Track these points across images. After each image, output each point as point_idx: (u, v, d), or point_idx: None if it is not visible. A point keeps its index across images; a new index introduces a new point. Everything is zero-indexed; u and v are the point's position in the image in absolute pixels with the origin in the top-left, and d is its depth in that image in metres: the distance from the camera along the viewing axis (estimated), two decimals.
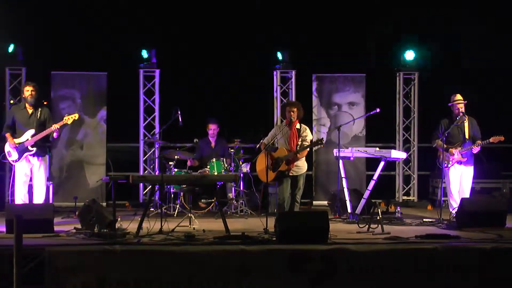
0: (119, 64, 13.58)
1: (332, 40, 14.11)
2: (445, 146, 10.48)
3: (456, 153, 10.51)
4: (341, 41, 14.15)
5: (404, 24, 14.13)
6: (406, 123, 14.23)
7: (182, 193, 11.38)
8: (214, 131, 12.28)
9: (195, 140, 11.76)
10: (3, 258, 7.35)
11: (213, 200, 11.36)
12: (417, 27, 14.14)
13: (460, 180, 10.60)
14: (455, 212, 9.89)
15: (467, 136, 10.56)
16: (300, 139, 9.73)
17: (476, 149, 10.44)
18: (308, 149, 9.75)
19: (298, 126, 9.83)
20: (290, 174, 9.71)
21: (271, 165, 9.66)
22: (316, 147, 10.15)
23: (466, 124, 10.59)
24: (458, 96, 10.63)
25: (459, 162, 10.54)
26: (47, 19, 13.62)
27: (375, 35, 14.09)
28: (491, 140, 10.34)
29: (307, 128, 9.94)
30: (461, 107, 10.56)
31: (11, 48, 13.14)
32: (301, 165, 9.78)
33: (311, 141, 9.76)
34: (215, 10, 14.09)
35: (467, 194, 10.51)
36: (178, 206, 11.42)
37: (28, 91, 10.05)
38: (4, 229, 8.68)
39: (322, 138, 9.77)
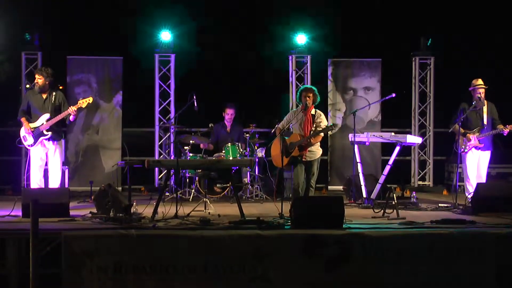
0: (135, 49, 13.57)
1: (347, 25, 14.02)
2: (462, 131, 10.43)
3: (473, 138, 10.43)
4: (356, 25, 14.06)
5: (421, 9, 14.02)
6: (422, 108, 14.17)
7: (197, 178, 11.38)
8: (231, 116, 12.25)
9: (210, 125, 11.76)
10: (20, 242, 7.42)
11: (228, 184, 11.36)
12: (433, 11, 14.03)
13: (478, 164, 10.55)
14: (471, 197, 9.84)
15: (485, 122, 10.49)
16: (314, 125, 9.69)
17: (506, 132, 10.33)
18: (322, 134, 9.67)
19: (313, 111, 9.77)
20: (304, 159, 9.65)
21: (284, 150, 9.63)
22: (331, 132, 10.09)
23: (485, 109, 10.52)
24: (480, 81, 10.55)
25: (477, 147, 10.47)
26: (63, 3, 13.61)
27: (388, 19, 13.99)
28: (508, 127, 10.26)
29: (322, 114, 9.87)
30: (482, 91, 10.49)
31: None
32: (315, 151, 9.72)
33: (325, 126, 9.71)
34: None
35: (483, 179, 10.47)
36: (193, 190, 11.43)
37: (35, 78, 10.08)
38: (20, 214, 8.72)
39: (333, 123, 9.69)
